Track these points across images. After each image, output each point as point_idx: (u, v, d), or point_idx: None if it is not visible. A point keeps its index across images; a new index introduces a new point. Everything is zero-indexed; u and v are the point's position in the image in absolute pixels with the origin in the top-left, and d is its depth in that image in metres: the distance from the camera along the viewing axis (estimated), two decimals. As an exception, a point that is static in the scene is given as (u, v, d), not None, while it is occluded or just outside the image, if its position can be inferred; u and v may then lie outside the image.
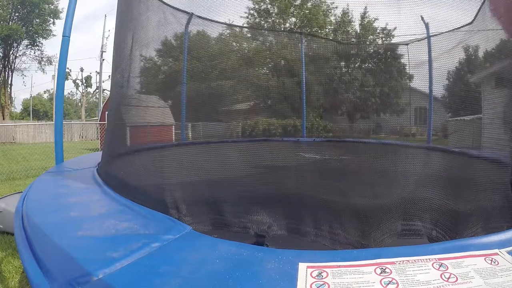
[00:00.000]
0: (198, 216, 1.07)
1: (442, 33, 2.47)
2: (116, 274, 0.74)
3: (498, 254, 0.73)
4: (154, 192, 1.26)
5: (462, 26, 2.30)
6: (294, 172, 1.43)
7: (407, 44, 2.96)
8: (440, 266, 0.69)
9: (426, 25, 2.97)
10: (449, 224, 0.99)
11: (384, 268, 0.69)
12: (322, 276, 0.68)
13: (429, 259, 0.71)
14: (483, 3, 2.18)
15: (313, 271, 0.70)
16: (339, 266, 0.70)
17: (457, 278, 0.66)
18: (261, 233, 0.96)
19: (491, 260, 0.71)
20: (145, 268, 0.77)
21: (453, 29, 2.37)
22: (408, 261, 0.70)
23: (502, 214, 1.01)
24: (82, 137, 19.23)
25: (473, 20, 2.21)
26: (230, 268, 0.74)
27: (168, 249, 0.87)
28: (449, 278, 0.66)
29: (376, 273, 0.67)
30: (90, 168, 2.12)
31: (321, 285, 0.66)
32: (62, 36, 2.54)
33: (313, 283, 0.67)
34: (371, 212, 0.97)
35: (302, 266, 0.71)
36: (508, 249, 0.75)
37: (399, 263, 0.70)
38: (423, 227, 1.01)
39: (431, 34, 2.81)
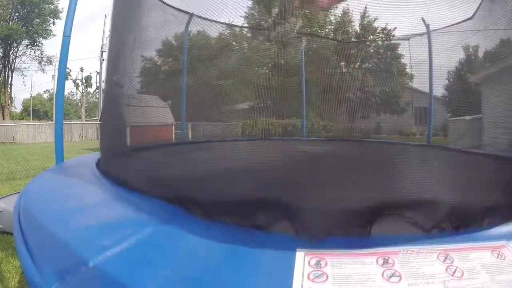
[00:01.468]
0: (195, 207, 1.04)
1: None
2: (107, 261, 0.71)
3: (505, 247, 0.70)
4: (151, 183, 1.24)
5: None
6: (292, 168, 1.41)
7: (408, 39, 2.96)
8: (445, 258, 0.66)
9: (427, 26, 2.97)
10: (451, 221, 0.97)
11: (386, 258, 0.66)
12: (321, 265, 0.65)
13: (434, 250, 0.69)
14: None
15: (311, 259, 0.67)
16: (339, 255, 0.67)
17: (462, 273, 0.63)
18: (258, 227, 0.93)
19: (498, 254, 0.68)
20: (137, 254, 0.74)
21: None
22: (412, 251, 0.67)
23: (505, 212, 0.99)
24: (82, 137, 19.22)
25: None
26: (224, 254, 0.72)
27: (162, 235, 0.84)
28: (454, 272, 0.64)
29: (378, 264, 0.65)
30: (89, 165, 2.10)
31: (319, 275, 0.63)
32: (63, 36, 2.52)
33: (310, 272, 0.64)
34: (370, 208, 0.95)
35: (300, 254, 0.68)
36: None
37: (402, 253, 0.67)
38: (425, 223, 0.98)
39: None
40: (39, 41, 27.27)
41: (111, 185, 1.37)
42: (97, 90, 30.48)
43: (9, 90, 26.89)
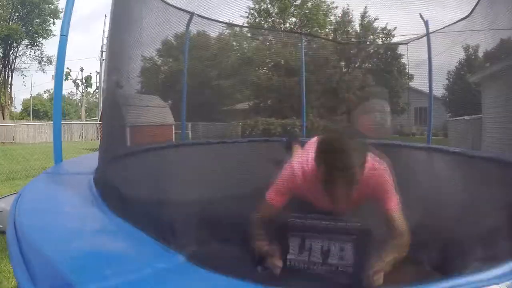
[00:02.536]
0: (192, 243, 1.03)
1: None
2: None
3: None
4: (148, 215, 1.23)
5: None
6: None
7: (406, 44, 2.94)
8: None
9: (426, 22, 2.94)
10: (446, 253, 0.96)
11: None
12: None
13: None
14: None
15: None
16: None
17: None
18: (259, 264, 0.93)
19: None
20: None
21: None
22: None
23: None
24: (82, 137, 19.18)
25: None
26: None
27: (158, 278, 0.83)
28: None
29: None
30: (87, 175, 2.08)
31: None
32: (60, 35, 2.52)
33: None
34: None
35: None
36: (507, 283, 0.72)
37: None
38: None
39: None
40: (39, 41, 27.17)
41: (109, 212, 1.37)
42: (97, 90, 30.42)
43: (9, 90, 26.82)
